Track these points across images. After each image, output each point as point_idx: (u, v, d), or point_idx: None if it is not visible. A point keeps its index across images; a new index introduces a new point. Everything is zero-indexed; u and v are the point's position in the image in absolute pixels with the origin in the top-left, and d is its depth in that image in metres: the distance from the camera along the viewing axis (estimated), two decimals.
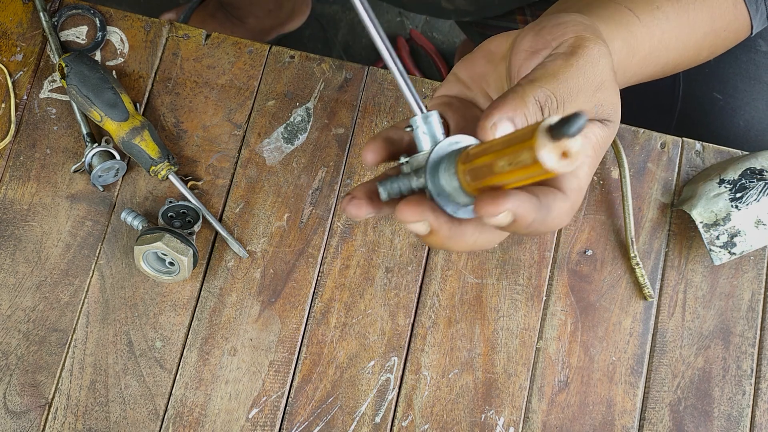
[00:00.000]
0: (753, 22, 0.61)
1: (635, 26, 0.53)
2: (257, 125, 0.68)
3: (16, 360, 0.63)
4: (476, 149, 0.36)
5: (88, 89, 0.63)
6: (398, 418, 0.63)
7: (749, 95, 0.79)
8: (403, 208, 0.39)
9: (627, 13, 0.54)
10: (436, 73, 1.45)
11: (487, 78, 0.49)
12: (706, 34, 0.59)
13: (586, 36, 0.45)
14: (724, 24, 0.59)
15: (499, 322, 0.65)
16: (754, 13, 0.61)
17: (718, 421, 0.65)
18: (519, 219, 0.37)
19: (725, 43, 0.62)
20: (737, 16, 0.60)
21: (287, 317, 0.64)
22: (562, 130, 0.30)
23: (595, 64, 0.44)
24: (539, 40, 0.46)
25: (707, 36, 0.59)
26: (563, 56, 0.44)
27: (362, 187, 0.42)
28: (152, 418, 0.62)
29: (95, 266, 0.64)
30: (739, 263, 0.68)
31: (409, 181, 0.40)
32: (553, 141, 0.31)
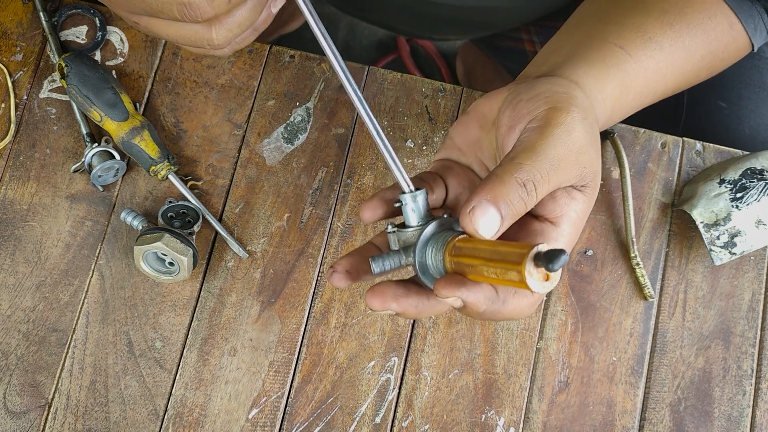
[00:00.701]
0: (753, 41, 0.61)
1: (627, 64, 0.54)
2: (257, 125, 0.68)
3: (16, 360, 0.62)
4: (466, 246, 0.41)
5: (88, 89, 0.63)
6: (398, 418, 0.63)
7: (754, 103, 0.79)
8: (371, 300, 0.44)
9: (618, 51, 0.54)
10: (436, 73, 1.45)
11: (480, 144, 0.51)
12: (704, 56, 0.58)
13: (558, 106, 0.46)
14: (722, 46, 0.59)
15: (499, 322, 0.65)
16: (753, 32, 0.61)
17: (719, 421, 0.65)
18: (469, 306, 0.41)
19: (724, 63, 0.62)
20: (735, 37, 0.60)
21: (287, 317, 0.64)
22: (546, 263, 0.35)
23: (571, 131, 0.45)
24: (515, 115, 0.47)
25: (705, 58, 0.59)
26: (537, 129, 0.45)
27: (343, 261, 0.46)
28: (152, 418, 0.62)
29: (95, 266, 0.64)
30: (740, 263, 0.68)
31: (398, 258, 0.45)
32: (537, 267, 0.36)
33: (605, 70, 0.53)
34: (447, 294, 0.41)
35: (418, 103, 0.69)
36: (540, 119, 0.46)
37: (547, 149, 0.44)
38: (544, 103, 0.47)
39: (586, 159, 0.45)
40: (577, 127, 0.45)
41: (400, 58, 1.45)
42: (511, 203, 0.42)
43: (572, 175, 0.45)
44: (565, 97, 0.47)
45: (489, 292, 0.42)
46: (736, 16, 0.59)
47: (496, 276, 0.38)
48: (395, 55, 1.46)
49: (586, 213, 0.47)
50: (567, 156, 0.44)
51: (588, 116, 0.47)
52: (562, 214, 0.46)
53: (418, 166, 0.68)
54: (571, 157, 0.44)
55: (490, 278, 0.39)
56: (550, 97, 0.47)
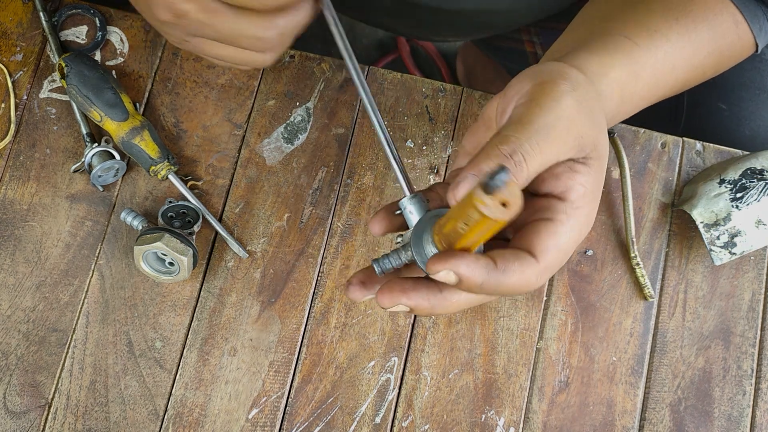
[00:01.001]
0: (758, 41, 0.61)
1: (634, 51, 0.53)
2: (257, 125, 0.68)
3: (16, 360, 0.62)
4: (443, 219, 0.40)
5: (88, 89, 0.63)
6: (398, 418, 0.63)
7: (754, 105, 0.79)
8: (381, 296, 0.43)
9: (624, 40, 0.53)
10: (436, 73, 1.45)
11: None
12: (710, 53, 0.58)
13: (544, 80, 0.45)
14: (727, 43, 0.59)
15: (500, 322, 0.65)
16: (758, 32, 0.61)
17: (719, 421, 0.65)
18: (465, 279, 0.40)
19: (729, 62, 0.62)
20: (740, 35, 0.60)
21: (287, 317, 0.64)
22: (489, 184, 0.34)
23: (559, 100, 0.44)
24: (505, 100, 0.47)
25: (711, 55, 0.59)
26: (523, 104, 0.45)
27: (358, 273, 0.46)
28: (152, 418, 0.62)
29: (95, 266, 0.64)
30: (740, 263, 0.68)
31: (399, 256, 0.44)
32: (490, 195, 0.35)
33: (609, 56, 0.52)
34: (438, 268, 0.40)
35: (418, 103, 0.69)
36: (526, 94, 0.45)
37: (534, 119, 0.43)
38: (529, 81, 0.46)
39: (580, 128, 0.44)
40: (565, 97, 0.44)
41: (400, 58, 1.45)
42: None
43: (567, 146, 0.43)
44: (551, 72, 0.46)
45: (484, 260, 0.40)
46: (742, 14, 0.59)
47: (468, 227, 0.37)
48: (395, 55, 1.46)
49: (596, 187, 0.45)
50: (556, 124, 0.43)
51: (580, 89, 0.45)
52: (568, 188, 0.44)
53: (418, 166, 0.68)
54: (561, 126, 0.43)
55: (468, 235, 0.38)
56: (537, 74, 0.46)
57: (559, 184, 0.44)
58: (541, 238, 0.43)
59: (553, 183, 0.45)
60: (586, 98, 0.45)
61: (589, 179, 0.45)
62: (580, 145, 0.44)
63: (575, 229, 0.44)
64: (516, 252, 0.42)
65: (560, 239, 0.43)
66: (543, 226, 0.43)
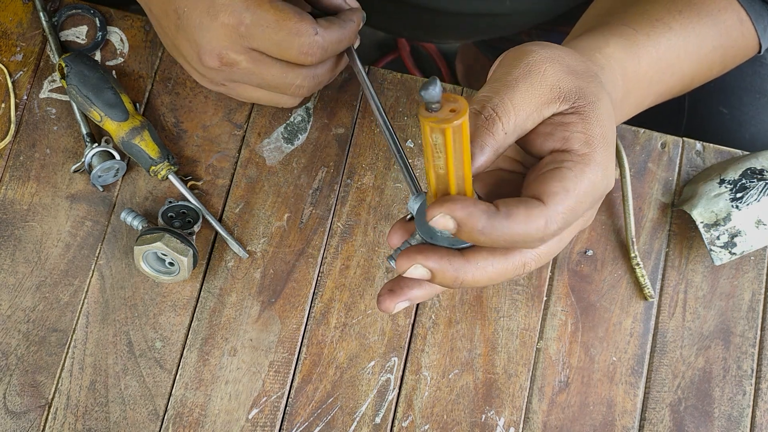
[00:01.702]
0: (762, 41, 0.61)
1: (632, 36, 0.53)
2: (257, 125, 0.68)
3: (16, 360, 0.62)
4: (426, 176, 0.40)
5: (88, 89, 0.63)
6: (398, 418, 0.63)
7: (754, 109, 0.79)
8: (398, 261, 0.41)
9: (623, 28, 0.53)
10: (436, 73, 1.45)
11: None
12: (715, 48, 0.58)
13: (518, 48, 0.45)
14: (732, 41, 0.59)
15: (500, 322, 0.65)
16: (762, 32, 0.60)
17: (719, 421, 0.65)
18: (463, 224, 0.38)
19: (734, 60, 0.61)
20: (744, 34, 0.60)
21: (287, 317, 0.64)
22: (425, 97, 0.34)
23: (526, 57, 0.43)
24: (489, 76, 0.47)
25: (716, 50, 0.58)
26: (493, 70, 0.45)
27: (386, 284, 0.46)
28: (152, 418, 0.62)
29: (95, 266, 0.64)
30: (740, 263, 0.68)
31: (408, 242, 0.44)
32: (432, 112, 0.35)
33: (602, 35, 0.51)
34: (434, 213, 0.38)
35: (418, 103, 0.69)
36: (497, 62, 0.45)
37: (500, 77, 0.42)
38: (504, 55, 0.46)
39: (555, 79, 0.43)
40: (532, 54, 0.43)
41: (400, 58, 1.45)
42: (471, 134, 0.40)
43: (543, 97, 0.42)
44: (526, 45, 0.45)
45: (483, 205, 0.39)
46: (746, 13, 0.59)
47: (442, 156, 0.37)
48: (395, 55, 1.46)
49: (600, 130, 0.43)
50: (524, 77, 0.42)
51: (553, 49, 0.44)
52: (566, 140, 0.42)
53: (418, 165, 0.68)
54: (531, 78, 0.42)
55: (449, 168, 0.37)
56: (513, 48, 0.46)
57: (556, 139, 0.43)
58: (546, 182, 0.41)
59: (550, 140, 0.43)
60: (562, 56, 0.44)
61: (587, 125, 0.43)
62: (560, 95, 0.43)
63: (586, 174, 0.42)
64: (520, 198, 0.41)
65: (568, 183, 0.41)
66: (549, 174, 0.42)
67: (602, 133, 0.43)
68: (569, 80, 0.43)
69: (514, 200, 0.40)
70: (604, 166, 0.43)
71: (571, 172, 0.41)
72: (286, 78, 0.55)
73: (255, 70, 0.55)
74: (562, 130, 0.43)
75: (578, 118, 0.43)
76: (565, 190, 0.41)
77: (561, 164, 0.42)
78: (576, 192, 0.41)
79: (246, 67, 0.54)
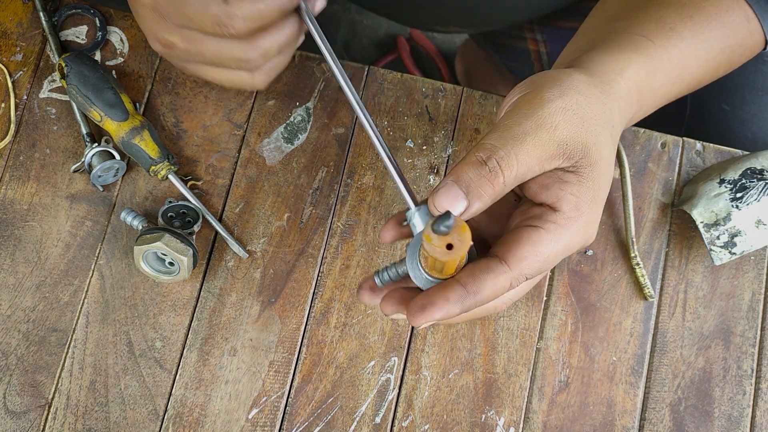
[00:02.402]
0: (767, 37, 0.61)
1: (650, 49, 0.53)
2: (257, 125, 0.68)
3: (16, 360, 0.62)
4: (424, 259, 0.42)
5: (88, 89, 0.63)
6: (398, 418, 0.63)
7: (757, 107, 0.79)
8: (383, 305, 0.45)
9: (639, 39, 0.53)
10: (436, 73, 1.45)
11: None
12: (722, 50, 0.58)
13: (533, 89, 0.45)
14: (738, 40, 0.59)
15: (500, 322, 0.65)
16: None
17: (719, 421, 0.65)
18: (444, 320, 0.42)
19: (741, 59, 0.62)
20: (751, 32, 0.60)
21: (287, 317, 0.64)
22: (433, 228, 0.38)
23: (540, 107, 0.44)
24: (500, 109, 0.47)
25: (723, 51, 0.59)
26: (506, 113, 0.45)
27: (368, 280, 0.48)
28: (152, 418, 0.62)
29: (95, 266, 0.64)
30: (740, 263, 0.68)
31: (396, 270, 0.46)
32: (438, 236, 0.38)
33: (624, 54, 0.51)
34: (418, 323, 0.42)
35: (418, 103, 0.69)
36: (512, 104, 0.45)
37: (511, 126, 0.43)
38: (520, 90, 0.46)
39: (565, 135, 0.44)
40: (548, 105, 0.44)
41: (400, 58, 1.45)
42: (473, 181, 0.42)
43: (548, 153, 0.43)
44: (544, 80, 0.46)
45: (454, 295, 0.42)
46: (753, 10, 0.59)
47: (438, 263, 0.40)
48: (395, 55, 1.46)
49: (593, 196, 0.45)
50: (534, 131, 0.43)
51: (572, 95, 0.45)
52: (558, 198, 0.44)
53: (418, 166, 0.68)
54: (540, 133, 0.43)
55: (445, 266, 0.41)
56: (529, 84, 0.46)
57: (550, 195, 0.44)
58: (519, 245, 0.43)
59: (544, 193, 0.45)
60: (579, 104, 0.45)
61: (581, 188, 0.44)
62: (566, 153, 0.44)
63: (564, 238, 0.44)
64: (488, 263, 0.43)
65: (540, 247, 0.43)
66: (525, 234, 0.44)
67: (593, 197, 0.45)
68: (578, 135, 0.44)
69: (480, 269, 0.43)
70: (586, 227, 0.45)
71: (549, 236, 0.44)
72: (224, 52, 0.53)
73: (191, 48, 0.53)
74: (557, 189, 0.44)
75: (575, 179, 0.44)
76: (535, 255, 0.43)
77: (542, 224, 0.44)
78: (547, 254, 0.44)
79: (183, 46, 0.53)
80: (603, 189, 0.46)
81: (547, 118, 0.43)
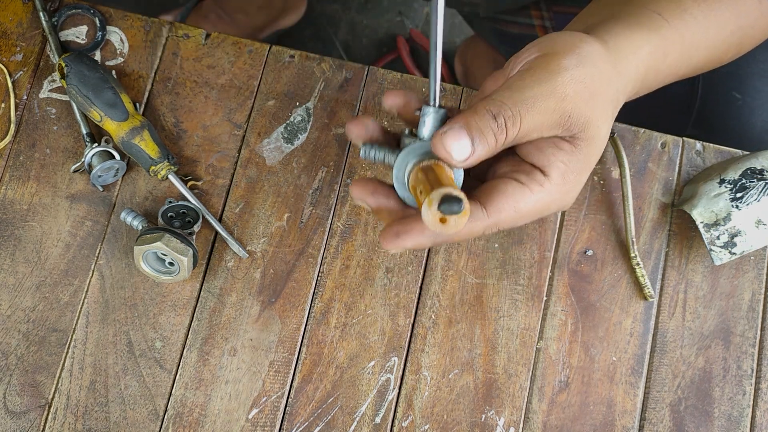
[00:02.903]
0: None
1: (665, 30, 0.53)
2: (257, 125, 0.68)
3: (16, 360, 0.62)
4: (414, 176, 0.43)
5: (88, 89, 0.63)
6: (398, 418, 0.63)
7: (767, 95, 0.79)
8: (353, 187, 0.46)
9: (656, 18, 0.53)
10: None
11: None
12: (733, 32, 0.58)
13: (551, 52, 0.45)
14: (750, 21, 0.59)
15: (500, 322, 0.65)
16: None
17: (719, 421, 0.65)
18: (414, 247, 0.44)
19: (752, 41, 0.61)
20: (763, 13, 0.59)
21: (287, 317, 0.64)
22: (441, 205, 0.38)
23: (555, 75, 0.44)
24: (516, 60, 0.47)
25: (734, 34, 0.58)
26: (522, 72, 0.45)
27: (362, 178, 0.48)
28: (152, 418, 0.62)
29: (95, 266, 0.64)
30: (740, 263, 0.68)
31: (385, 154, 0.47)
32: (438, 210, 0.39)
33: (643, 33, 0.51)
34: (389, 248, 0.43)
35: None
36: (528, 63, 0.45)
37: (523, 88, 0.43)
38: (537, 50, 0.46)
39: (572, 107, 0.44)
40: (564, 73, 0.44)
41: (400, 58, 1.45)
42: (482, 132, 0.42)
43: (551, 122, 0.44)
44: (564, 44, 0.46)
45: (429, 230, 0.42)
46: None
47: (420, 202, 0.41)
48: (395, 55, 1.46)
49: (580, 168, 0.46)
50: (544, 98, 0.43)
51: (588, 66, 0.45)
52: (549, 164, 0.45)
53: None
54: (549, 101, 0.43)
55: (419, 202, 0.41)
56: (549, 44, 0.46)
57: (542, 158, 0.45)
58: (501, 197, 0.45)
59: (536, 155, 0.46)
60: (593, 77, 0.45)
61: (573, 159, 0.45)
62: (567, 124, 0.44)
63: (543, 201, 0.45)
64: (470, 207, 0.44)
65: (520, 204, 0.45)
66: (510, 187, 0.45)
67: (582, 168, 0.46)
68: (584, 110, 0.45)
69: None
70: (566, 195, 0.46)
71: (530, 195, 0.45)
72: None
73: None
74: (550, 154, 0.45)
75: (569, 149, 0.45)
76: (514, 210, 0.45)
77: (528, 182, 0.45)
78: (525, 212, 0.45)
79: None
80: (592, 163, 0.47)
81: (560, 87, 0.44)
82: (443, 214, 0.38)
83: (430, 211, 0.39)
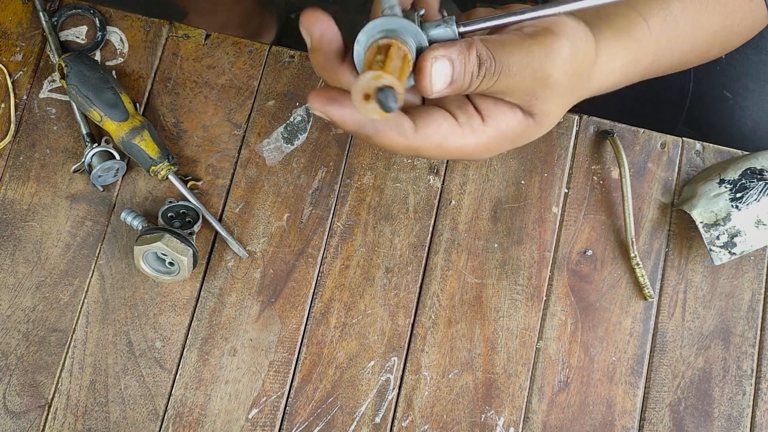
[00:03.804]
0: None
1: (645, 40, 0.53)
2: (257, 125, 0.68)
3: (15, 360, 0.62)
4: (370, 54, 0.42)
5: (88, 89, 0.63)
6: (398, 418, 0.63)
7: (758, 95, 0.79)
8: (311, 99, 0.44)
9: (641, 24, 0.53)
10: None
11: None
12: (716, 32, 0.57)
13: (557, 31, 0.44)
14: (738, 19, 0.58)
15: (499, 322, 0.65)
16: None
17: (719, 421, 0.65)
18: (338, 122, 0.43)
19: (739, 38, 0.60)
20: (752, 9, 0.59)
21: (287, 317, 0.64)
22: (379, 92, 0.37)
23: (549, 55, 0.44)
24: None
25: (717, 33, 0.58)
26: (526, 35, 0.44)
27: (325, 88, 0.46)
28: (152, 418, 0.62)
29: (95, 266, 0.64)
30: (740, 263, 0.68)
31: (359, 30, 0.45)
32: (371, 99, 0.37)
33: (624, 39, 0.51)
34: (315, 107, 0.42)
35: None
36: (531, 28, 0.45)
37: (515, 53, 0.43)
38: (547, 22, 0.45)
39: (543, 92, 0.44)
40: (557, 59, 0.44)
41: None
42: (464, 67, 0.42)
43: (520, 93, 0.44)
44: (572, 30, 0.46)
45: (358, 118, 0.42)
46: None
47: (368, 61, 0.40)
48: None
49: (516, 138, 0.46)
50: (526, 71, 0.43)
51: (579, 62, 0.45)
52: (492, 117, 0.45)
53: (417, 166, 0.68)
54: (528, 75, 0.43)
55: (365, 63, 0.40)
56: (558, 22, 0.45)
57: (490, 108, 0.45)
58: (435, 126, 0.44)
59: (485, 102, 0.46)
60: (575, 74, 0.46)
61: (515, 126, 0.46)
62: (530, 102, 0.45)
63: (468, 147, 0.45)
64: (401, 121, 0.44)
65: (448, 139, 0.45)
66: (447, 122, 0.45)
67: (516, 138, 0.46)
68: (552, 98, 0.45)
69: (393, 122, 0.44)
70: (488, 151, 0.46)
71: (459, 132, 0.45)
72: None
73: None
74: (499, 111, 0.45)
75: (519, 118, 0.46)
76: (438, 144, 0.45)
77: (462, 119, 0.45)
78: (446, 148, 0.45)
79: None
80: (527, 140, 0.47)
81: (546, 70, 0.44)
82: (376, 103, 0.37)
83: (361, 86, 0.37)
